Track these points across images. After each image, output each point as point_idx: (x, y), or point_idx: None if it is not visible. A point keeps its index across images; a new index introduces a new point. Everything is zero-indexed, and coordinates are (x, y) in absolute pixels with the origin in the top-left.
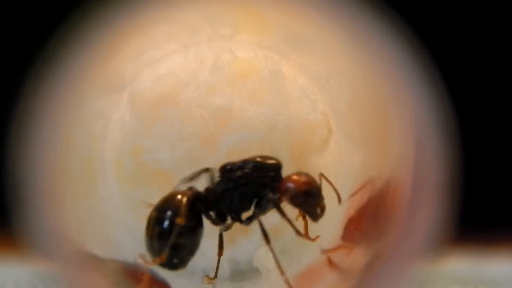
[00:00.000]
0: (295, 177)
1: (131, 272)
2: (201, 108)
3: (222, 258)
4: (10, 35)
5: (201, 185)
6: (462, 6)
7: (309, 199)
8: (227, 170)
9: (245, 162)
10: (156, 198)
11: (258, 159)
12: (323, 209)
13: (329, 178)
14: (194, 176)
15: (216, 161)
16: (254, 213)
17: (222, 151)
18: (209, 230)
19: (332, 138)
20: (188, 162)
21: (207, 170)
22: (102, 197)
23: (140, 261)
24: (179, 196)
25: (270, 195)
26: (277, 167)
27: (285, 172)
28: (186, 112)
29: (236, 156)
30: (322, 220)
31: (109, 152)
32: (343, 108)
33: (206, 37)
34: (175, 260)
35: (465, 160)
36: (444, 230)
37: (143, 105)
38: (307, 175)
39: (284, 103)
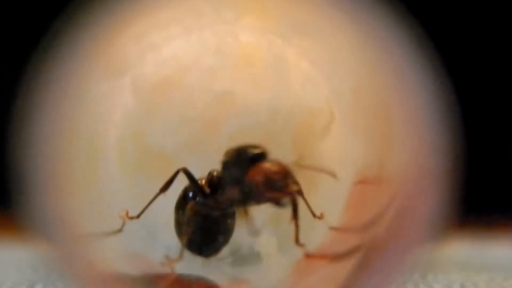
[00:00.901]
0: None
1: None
2: (204, 92)
3: None
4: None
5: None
6: None
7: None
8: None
9: (233, 149)
10: (158, 182)
11: (237, 148)
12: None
13: (332, 165)
14: (170, 181)
15: (218, 145)
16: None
17: (224, 135)
18: None
19: (334, 124)
20: (190, 146)
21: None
22: (104, 181)
23: (164, 262)
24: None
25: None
26: (244, 155)
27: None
28: (188, 96)
29: (239, 141)
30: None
31: (111, 136)
32: (346, 95)
33: (209, 21)
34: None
35: (468, 143)
36: (447, 215)
37: (145, 89)
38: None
39: (287, 88)
